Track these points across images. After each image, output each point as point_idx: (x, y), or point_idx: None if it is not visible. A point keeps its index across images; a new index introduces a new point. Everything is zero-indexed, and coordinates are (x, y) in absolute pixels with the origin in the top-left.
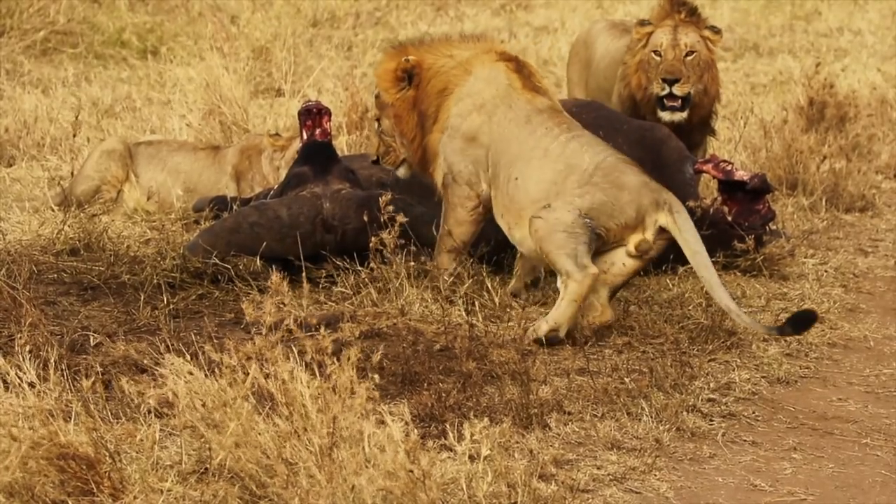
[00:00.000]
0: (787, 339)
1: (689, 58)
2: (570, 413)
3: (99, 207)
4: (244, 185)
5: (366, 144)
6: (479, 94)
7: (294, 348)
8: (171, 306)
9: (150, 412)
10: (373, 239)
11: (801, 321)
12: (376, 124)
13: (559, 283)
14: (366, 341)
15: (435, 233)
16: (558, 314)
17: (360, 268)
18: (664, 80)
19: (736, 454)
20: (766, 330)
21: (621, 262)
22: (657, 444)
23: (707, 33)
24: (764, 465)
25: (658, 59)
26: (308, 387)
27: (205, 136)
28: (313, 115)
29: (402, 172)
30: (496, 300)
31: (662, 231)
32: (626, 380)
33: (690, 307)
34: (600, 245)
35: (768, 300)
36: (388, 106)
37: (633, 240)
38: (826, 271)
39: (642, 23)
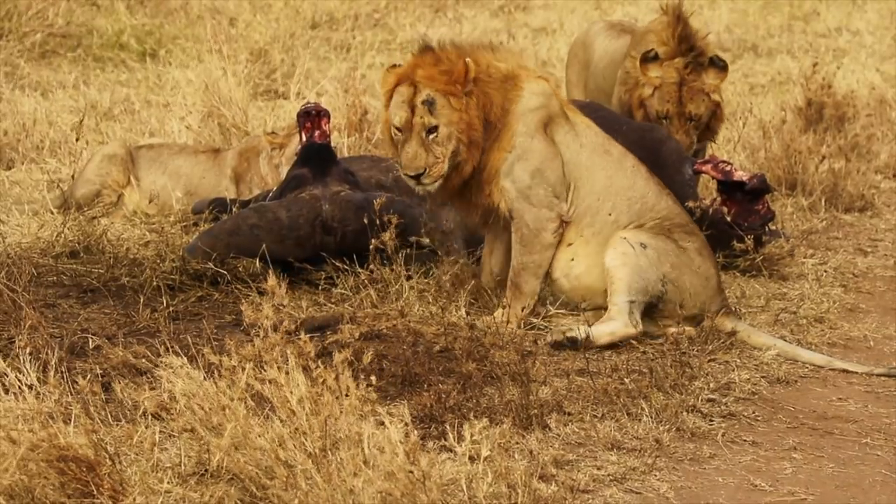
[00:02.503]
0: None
1: (693, 122)
2: (570, 413)
3: (98, 210)
4: (243, 187)
5: (365, 146)
6: (540, 110)
7: (290, 351)
8: (171, 308)
9: (149, 414)
10: (372, 240)
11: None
12: (426, 134)
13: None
14: (365, 342)
15: (438, 234)
16: (598, 335)
17: (359, 269)
18: None
19: (736, 454)
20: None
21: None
22: (657, 445)
23: (712, 77)
24: (764, 465)
25: (663, 121)
26: (294, 390)
27: (204, 139)
28: (312, 116)
29: (433, 188)
30: (496, 301)
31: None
32: (626, 380)
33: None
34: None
35: (768, 300)
36: (455, 111)
37: (671, 329)
38: (825, 271)
39: (646, 57)
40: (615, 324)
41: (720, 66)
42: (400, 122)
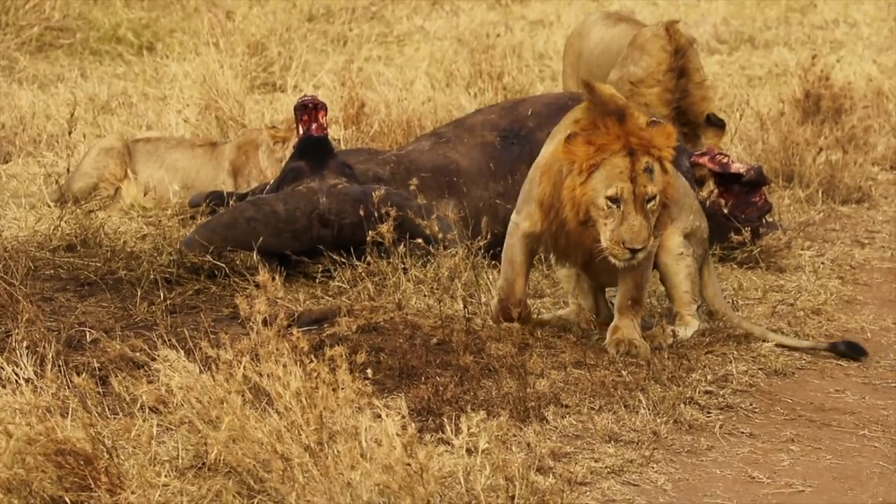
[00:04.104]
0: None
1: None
2: (567, 406)
3: (95, 204)
4: (241, 180)
5: (362, 139)
6: None
7: (286, 344)
8: (168, 302)
9: (146, 408)
10: (370, 233)
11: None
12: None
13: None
14: (362, 335)
15: (436, 227)
16: (684, 339)
17: (356, 262)
18: None
19: (733, 446)
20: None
21: None
22: (655, 437)
23: (710, 136)
24: (762, 457)
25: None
26: (291, 383)
27: (201, 132)
28: (309, 109)
29: (642, 258)
30: (493, 293)
31: None
32: (624, 372)
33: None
34: None
35: (765, 292)
36: (665, 176)
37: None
38: (823, 263)
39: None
40: (693, 327)
41: (718, 126)
42: (619, 193)
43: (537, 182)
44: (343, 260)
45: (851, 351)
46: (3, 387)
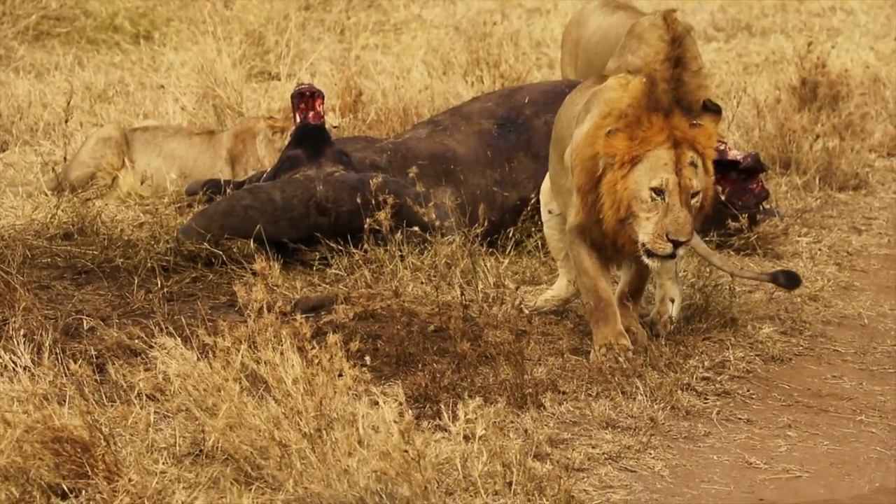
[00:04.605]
0: (782, 317)
1: None
2: (564, 392)
3: (93, 192)
4: (239, 168)
5: (359, 127)
6: None
7: (284, 331)
8: (165, 290)
9: (143, 395)
10: (367, 221)
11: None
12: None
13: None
14: (360, 323)
15: (433, 215)
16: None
17: (353, 250)
18: None
19: (731, 432)
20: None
21: None
22: (652, 423)
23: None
24: (759, 443)
25: None
26: (289, 371)
27: (199, 120)
28: (306, 97)
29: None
30: (490, 280)
31: None
32: (621, 359)
33: (684, 287)
34: None
35: None
36: (707, 174)
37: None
38: (820, 249)
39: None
40: (675, 293)
41: (715, 112)
42: (664, 184)
43: (574, 166)
44: (340, 248)
45: (789, 281)
46: (1, 375)
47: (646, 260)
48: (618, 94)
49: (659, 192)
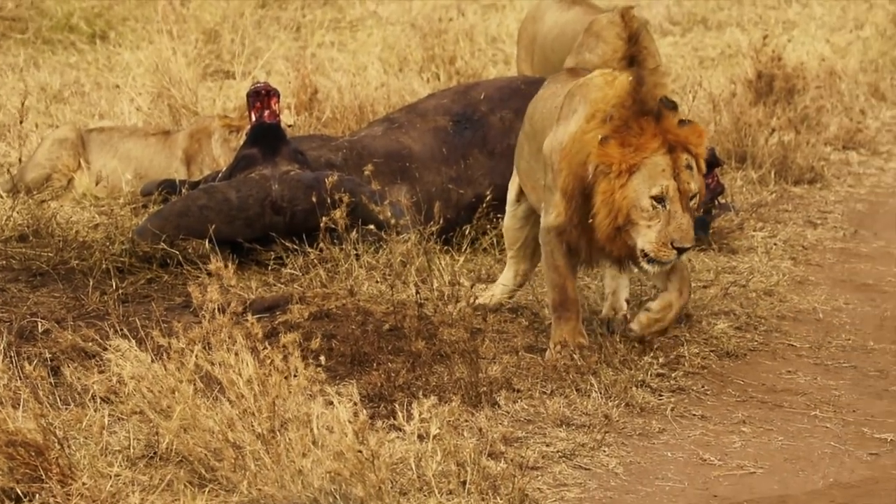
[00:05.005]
0: (736, 312)
1: None
2: (519, 391)
3: (48, 194)
4: (194, 168)
5: (315, 125)
6: None
7: (238, 332)
8: (120, 291)
9: (98, 398)
10: (322, 219)
11: None
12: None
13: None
14: (315, 322)
15: (389, 213)
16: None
17: (309, 249)
18: None
19: (685, 428)
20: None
21: None
22: (606, 420)
23: None
24: (713, 439)
25: None
26: (242, 372)
27: (154, 120)
28: (261, 96)
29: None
30: (446, 278)
31: None
32: (575, 356)
33: (639, 283)
34: None
35: (717, 274)
36: (700, 174)
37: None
38: (775, 244)
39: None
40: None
41: (670, 108)
42: (664, 192)
43: (558, 167)
44: (295, 247)
45: None
46: None
47: (645, 266)
48: (603, 93)
49: (660, 199)
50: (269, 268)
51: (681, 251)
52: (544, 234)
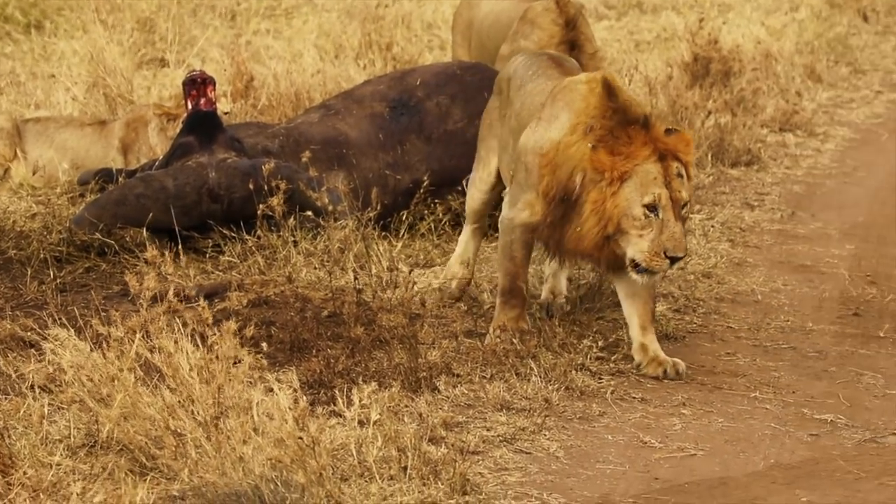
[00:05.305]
0: (675, 295)
1: None
2: (459, 375)
3: None
4: (131, 157)
5: (251, 113)
6: None
7: (178, 320)
8: (58, 281)
9: (37, 387)
10: (260, 207)
11: None
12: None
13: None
14: (253, 309)
15: (326, 199)
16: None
17: (246, 236)
18: None
19: (625, 411)
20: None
21: None
22: (546, 404)
23: None
24: (653, 422)
25: None
26: (184, 359)
27: (90, 110)
28: (198, 84)
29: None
30: (384, 264)
31: None
32: (515, 340)
33: (578, 267)
34: None
35: None
36: (691, 181)
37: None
38: (713, 226)
39: None
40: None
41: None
42: (656, 200)
43: (537, 170)
44: (233, 234)
45: None
46: None
47: (635, 276)
48: (586, 102)
49: (652, 208)
50: (207, 255)
51: (674, 260)
52: (508, 224)
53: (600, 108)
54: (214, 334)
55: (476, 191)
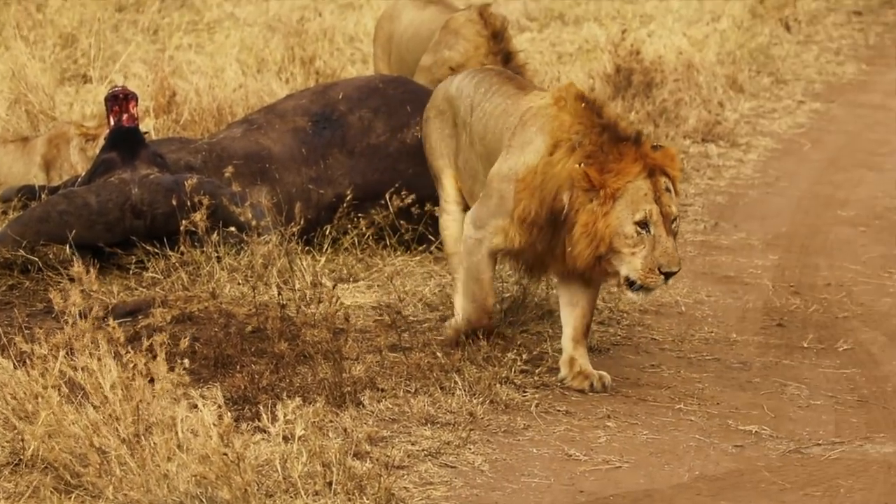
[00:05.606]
0: (599, 307)
1: None
2: (383, 390)
3: None
4: (54, 173)
5: (173, 128)
6: None
7: (101, 337)
8: None
9: None
10: (183, 222)
11: None
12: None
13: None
14: (177, 325)
15: (249, 214)
16: None
17: (170, 252)
18: None
19: (550, 424)
20: None
21: None
22: (471, 418)
23: None
24: (578, 435)
25: None
26: (106, 376)
27: (12, 126)
28: (120, 100)
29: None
30: (308, 279)
31: None
32: (439, 354)
33: (502, 281)
34: None
35: None
36: (678, 196)
37: None
38: None
39: None
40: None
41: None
42: (648, 216)
43: (512, 196)
44: (156, 250)
45: None
46: None
47: (631, 294)
48: (560, 121)
49: (643, 224)
50: (131, 272)
51: (668, 276)
52: (474, 245)
53: (586, 125)
54: (128, 353)
55: (450, 219)
